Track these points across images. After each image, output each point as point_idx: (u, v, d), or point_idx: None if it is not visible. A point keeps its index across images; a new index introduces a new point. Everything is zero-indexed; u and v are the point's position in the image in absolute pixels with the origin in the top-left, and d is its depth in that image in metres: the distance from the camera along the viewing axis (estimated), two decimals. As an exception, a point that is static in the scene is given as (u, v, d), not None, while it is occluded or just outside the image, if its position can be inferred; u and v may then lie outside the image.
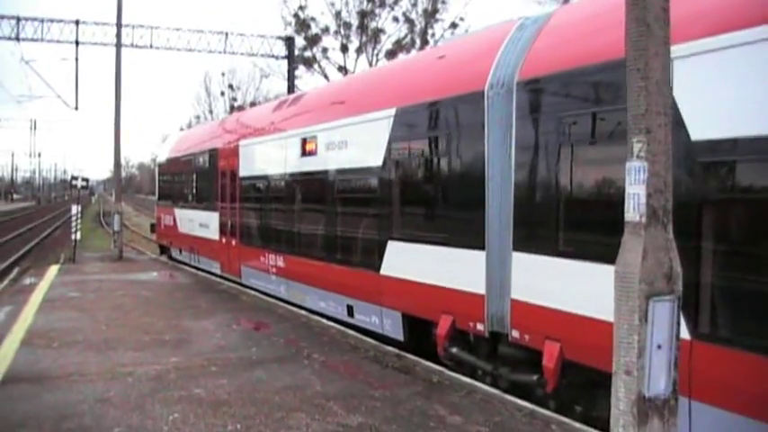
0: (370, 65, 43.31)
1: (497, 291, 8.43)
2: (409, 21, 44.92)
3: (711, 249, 5.85)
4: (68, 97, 36.93)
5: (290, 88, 40.07)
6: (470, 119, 8.92)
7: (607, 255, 6.89)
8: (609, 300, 6.52)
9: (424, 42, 43.50)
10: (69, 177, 25.66)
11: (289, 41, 40.77)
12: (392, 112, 10.46)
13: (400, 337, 10.47)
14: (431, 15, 45.10)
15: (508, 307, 8.26)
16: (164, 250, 26.63)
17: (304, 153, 13.45)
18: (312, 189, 13.57)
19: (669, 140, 4.18)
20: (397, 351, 10.08)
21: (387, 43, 45.06)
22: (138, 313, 13.16)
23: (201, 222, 20.57)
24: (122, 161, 26.38)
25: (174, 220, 23.76)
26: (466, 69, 9.36)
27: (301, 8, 42.51)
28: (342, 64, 44.55)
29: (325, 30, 43.75)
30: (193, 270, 20.83)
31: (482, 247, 8.59)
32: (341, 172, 12.07)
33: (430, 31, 45.26)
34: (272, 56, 40.10)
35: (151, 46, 36.31)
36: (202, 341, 10.73)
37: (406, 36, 45.82)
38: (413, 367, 9.32)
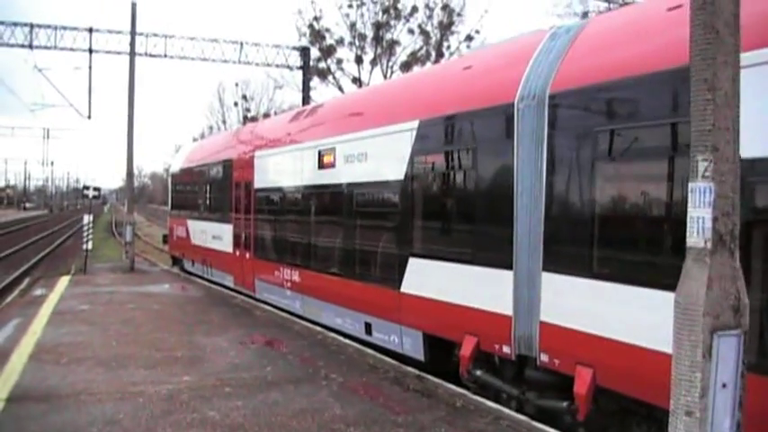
0: (385, 77, 43.03)
1: (525, 312, 8.04)
2: (424, 33, 44.50)
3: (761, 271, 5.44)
4: (81, 106, 36.69)
5: (305, 99, 39.79)
6: (498, 132, 8.57)
7: (646, 277, 6.60)
8: (648, 325, 6.15)
9: (440, 55, 43.22)
10: (82, 186, 25.40)
11: (304, 52, 40.58)
12: (415, 124, 10.11)
13: (421, 357, 10.09)
14: (446, 28, 44.67)
15: (537, 329, 7.87)
16: (176, 262, 26.35)
17: (321, 165, 13.12)
18: (329, 202, 13.23)
19: (737, 159, 3.80)
20: (417, 372, 9.69)
21: (402, 55, 44.81)
22: (150, 328, 12.83)
23: (215, 234, 20.27)
24: (135, 171, 26.15)
25: (187, 231, 23.47)
26: (494, 80, 9.01)
27: (316, 19, 42.29)
28: (356, 75, 44.39)
29: (340, 41, 43.43)
30: (206, 283, 20.51)
31: (509, 267, 8.21)
32: (360, 185, 11.72)
33: (445, 44, 44.86)
34: (288, 66, 39.91)
35: (165, 55, 36.10)
36: (216, 359, 10.38)
37: (421, 48, 45.62)
38: (435, 390, 8.93)
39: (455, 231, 9.49)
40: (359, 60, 44.58)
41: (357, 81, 43.60)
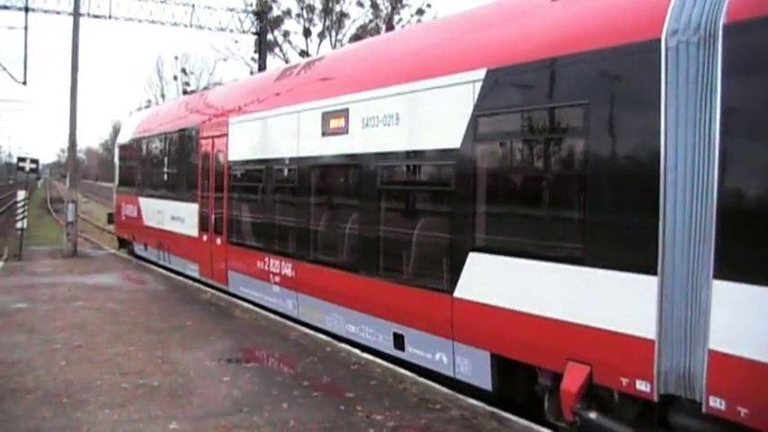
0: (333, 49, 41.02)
1: (679, 335, 5.62)
2: (374, 5, 43.56)
3: None
4: (16, 70, 32.85)
5: (261, 68, 36.81)
6: (631, 81, 6.07)
7: None
8: None
9: (390, 28, 42.25)
10: (16, 158, 22.01)
11: (260, 17, 37.35)
12: (479, 74, 7.50)
13: (485, 385, 7.56)
14: (397, 0, 43.36)
15: (702, 361, 5.45)
16: (123, 244, 23.22)
17: (326, 131, 10.38)
18: (338, 178, 10.58)
19: None
20: (491, 409, 7.19)
21: (351, 28, 43.71)
22: (108, 337, 9.98)
23: (174, 215, 17.29)
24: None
25: (139, 210, 20.36)
26: (621, 8, 6.46)
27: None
28: (304, 48, 42.94)
29: (287, 12, 41.54)
30: (163, 271, 17.55)
31: (652, 270, 5.74)
32: (387, 156, 9.05)
33: (396, 17, 44.15)
34: (243, 31, 36.63)
35: (110, 16, 32.48)
36: (206, 388, 7.66)
37: (371, 21, 44.08)
38: (526, 439, 6.44)
39: (552, 219, 6.94)
40: (307, 33, 43.51)
41: (305, 54, 42.02)
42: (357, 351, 9.49)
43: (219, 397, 7.36)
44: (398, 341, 8.84)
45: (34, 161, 21.23)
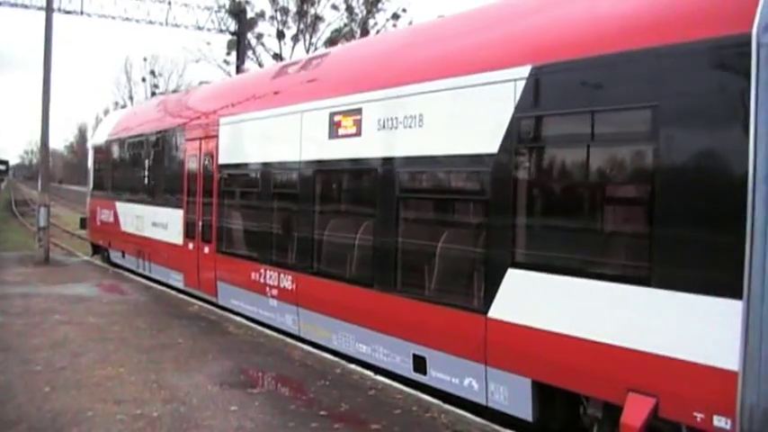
0: (308, 53, 40.38)
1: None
2: (350, 9, 42.42)
3: None
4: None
5: (239, 68, 35.87)
6: (710, 82, 5.41)
7: None
8: None
9: (365, 32, 41.61)
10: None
11: (239, 16, 36.37)
12: (522, 72, 6.80)
13: (525, 414, 6.83)
14: (372, 4, 42.77)
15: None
16: (96, 250, 22.13)
17: (334, 134, 9.60)
18: (349, 184, 9.81)
19: None
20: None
21: (326, 32, 42.68)
22: (94, 357, 9.07)
23: (156, 221, 16.33)
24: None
25: (116, 215, 19.33)
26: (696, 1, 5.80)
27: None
28: (277, 51, 41.89)
29: (261, 14, 40.85)
30: (144, 281, 16.57)
31: (736, 293, 5.08)
32: (409, 161, 8.30)
33: (371, 21, 43.38)
34: (221, 30, 35.68)
35: (82, 12, 31.37)
36: (214, 419, 6.81)
37: (346, 26, 43.37)
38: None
39: (611, 235, 6.23)
40: (280, 35, 42.25)
41: (278, 57, 41.29)
42: (370, 374, 8.72)
43: (230, 430, 6.53)
44: (419, 364, 8.09)
45: (4, 162, 20.16)
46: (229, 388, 7.87)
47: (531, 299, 6.70)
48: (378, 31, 41.02)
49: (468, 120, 7.47)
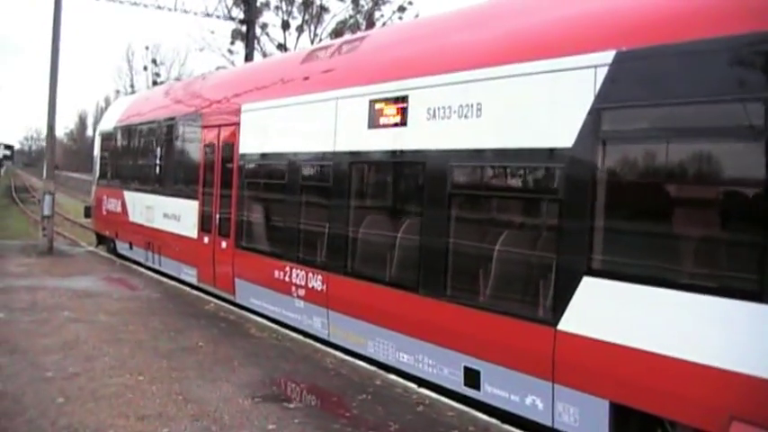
0: (312, 44, 39.87)
1: None
2: (355, 1, 41.65)
3: None
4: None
5: (248, 56, 34.97)
6: None
7: None
8: None
9: (370, 25, 41.22)
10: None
11: (248, 3, 35.40)
12: (605, 57, 6.01)
13: (600, 440, 6.08)
14: None
15: None
16: (101, 240, 21.34)
17: (375, 123, 8.81)
18: (391, 178, 9.05)
19: None
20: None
21: (331, 23, 42.13)
22: (109, 361, 8.30)
23: (168, 212, 15.53)
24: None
25: (124, 205, 18.52)
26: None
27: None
28: (281, 42, 41.47)
29: (266, 4, 40.34)
30: (153, 274, 15.78)
31: None
32: (464, 155, 7.49)
33: (377, 13, 42.45)
34: (231, 18, 34.74)
35: (89, -6, 30.47)
36: (249, 441, 6.05)
37: (351, 17, 42.56)
38: None
39: (713, 243, 5.46)
40: (285, 26, 41.78)
41: (282, 47, 40.79)
42: (414, 386, 7.96)
43: (272, 456, 5.77)
44: (471, 377, 7.32)
45: (9, 147, 19.37)
46: (263, 402, 7.10)
47: (611, 311, 5.94)
48: (384, 24, 40.36)
49: (536, 110, 6.69)
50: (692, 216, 5.68)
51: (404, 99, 8.32)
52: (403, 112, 8.33)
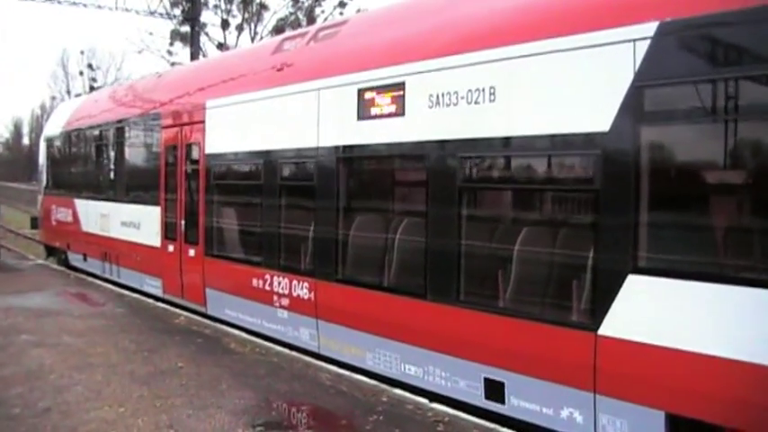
0: (252, 42, 39.17)
1: None
2: None
3: None
4: None
5: (194, 55, 33.79)
6: None
7: None
8: None
9: (311, 21, 39.69)
10: None
11: (194, 2, 34.18)
12: (646, 29, 5.38)
13: (656, 457, 5.46)
14: None
15: None
16: (51, 252, 20.06)
17: (365, 114, 8.05)
18: (388, 174, 8.31)
19: None
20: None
21: (272, 20, 41.63)
22: (83, 392, 7.36)
23: (126, 220, 14.48)
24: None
25: (75, 214, 17.33)
26: None
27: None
28: (221, 41, 40.78)
29: (205, 3, 38.87)
30: (112, 287, 14.71)
31: None
32: (477, 145, 6.77)
33: (318, 9, 41.80)
34: (173, 16, 33.62)
35: (24, -6, 28.86)
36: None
37: (292, 14, 41.91)
38: None
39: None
40: (225, 25, 41.21)
41: (222, 47, 39.92)
42: (425, 401, 7.24)
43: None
44: (493, 390, 6.65)
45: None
46: (265, 431, 6.29)
47: (665, 312, 5.32)
48: (325, 20, 39.60)
49: (562, 91, 6.03)
50: (753, 202, 5.10)
51: (400, 86, 7.58)
52: (399, 101, 7.60)
